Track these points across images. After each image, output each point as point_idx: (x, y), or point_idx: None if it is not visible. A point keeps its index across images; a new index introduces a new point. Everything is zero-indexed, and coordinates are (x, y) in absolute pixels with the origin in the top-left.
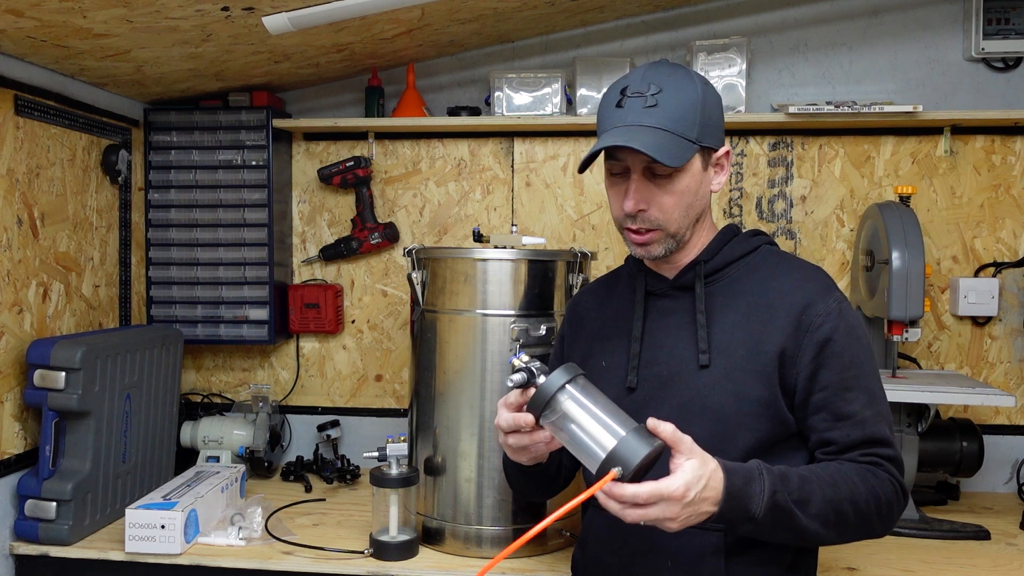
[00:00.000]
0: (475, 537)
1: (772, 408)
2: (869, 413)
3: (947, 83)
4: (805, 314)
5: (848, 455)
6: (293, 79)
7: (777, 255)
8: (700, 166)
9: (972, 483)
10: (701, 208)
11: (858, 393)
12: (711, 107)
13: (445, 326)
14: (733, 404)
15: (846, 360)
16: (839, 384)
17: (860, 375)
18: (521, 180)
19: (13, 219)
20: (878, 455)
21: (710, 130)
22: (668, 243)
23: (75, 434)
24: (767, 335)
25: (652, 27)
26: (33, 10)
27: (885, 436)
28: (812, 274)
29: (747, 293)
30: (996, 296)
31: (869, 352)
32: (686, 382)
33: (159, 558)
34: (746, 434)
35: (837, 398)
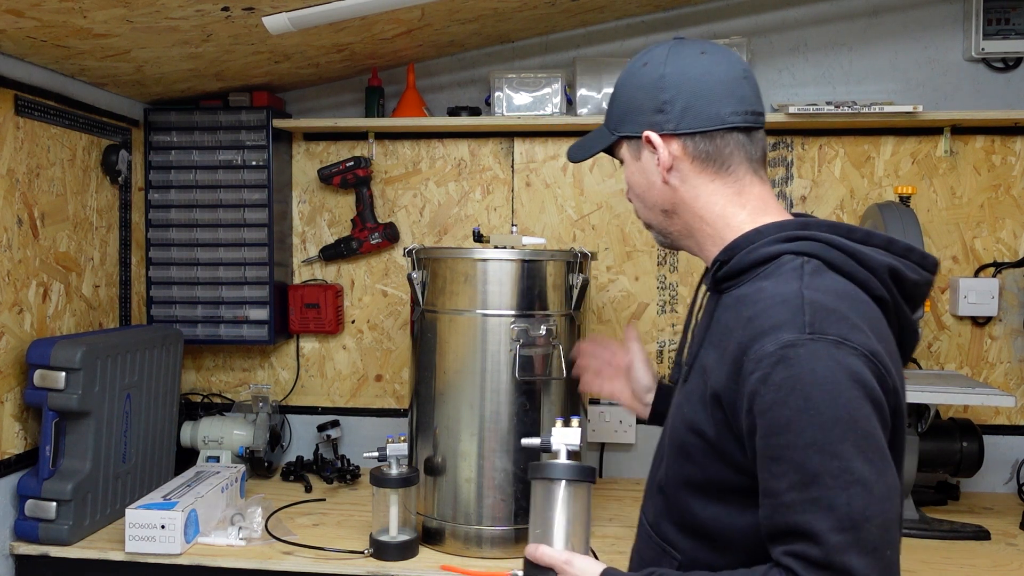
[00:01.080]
0: (475, 537)
1: (717, 448)
2: (794, 497)
3: (947, 83)
4: (745, 356)
5: (771, 546)
6: (293, 79)
7: (787, 271)
8: (630, 156)
9: (972, 483)
10: (657, 200)
11: (785, 468)
12: (631, 90)
13: (445, 326)
14: (683, 431)
15: (773, 424)
16: (764, 452)
17: (791, 445)
18: (521, 180)
19: (13, 219)
20: (796, 554)
21: (628, 116)
22: (655, 235)
23: (75, 434)
24: (715, 370)
25: (652, 27)
26: (33, 10)
27: (811, 529)
28: (776, 305)
29: (729, 312)
30: (996, 296)
31: (827, 418)
32: (678, 393)
33: (159, 558)
34: (692, 467)
35: (763, 469)
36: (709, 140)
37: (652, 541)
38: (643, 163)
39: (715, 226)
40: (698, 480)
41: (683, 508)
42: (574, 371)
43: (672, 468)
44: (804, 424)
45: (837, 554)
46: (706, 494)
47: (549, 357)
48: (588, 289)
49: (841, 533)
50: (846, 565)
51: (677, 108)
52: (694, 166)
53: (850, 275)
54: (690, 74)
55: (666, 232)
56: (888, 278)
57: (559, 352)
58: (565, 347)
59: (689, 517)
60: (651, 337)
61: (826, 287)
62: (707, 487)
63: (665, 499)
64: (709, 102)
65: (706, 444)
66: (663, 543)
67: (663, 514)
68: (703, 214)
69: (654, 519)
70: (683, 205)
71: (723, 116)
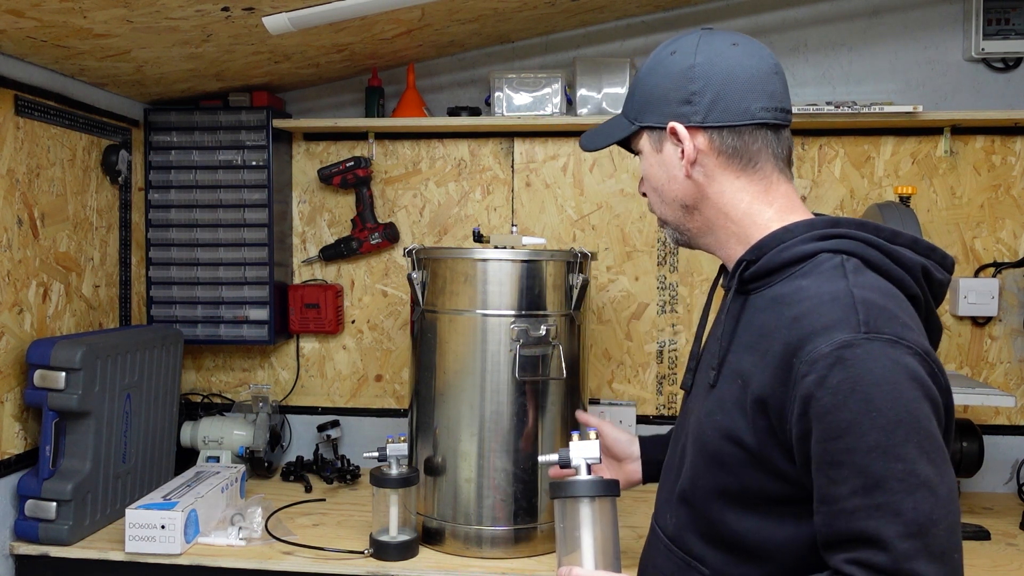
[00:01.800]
0: (475, 537)
1: (759, 457)
2: (858, 503)
3: (947, 83)
4: (796, 358)
5: (830, 555)
6: (293, 79)
7: (826, 270)
8: (650, 147)
9: (972, 483)
10: (677, 194)
11: (847, 473)
12: (655, 80)
13: (445, 326)
14: (716, 440)
15: (832, 427)
16: (822, 457)
17: (853, 449)
18: (521, 180)
19: (13, 219)
20: (860, 562)
21: (651, 106)
22: (670, 231)
23: (75, 434)
24: (758, 373)
25: (652, 27)
26: (33, 10)
27: (879, 535)
28: (826, 304)
29: (766, 313)
30: (996, 296)
31: (890, 420)
32: (700, 400)
33: (159, 558)
34: (726, 476)
35: (820, 475)
36: (737, 135)
37: (674, 555)
38: (665, 155)
39: (741, 224)
40: (734, 490)
41: (714, 519)
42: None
43: (702, 478)
44: (866, 427)
45: (906, 561)
46: (742, 505)
47: (549, 357)
48: (588, 289)
49: (909, 539)
50: (916, 572)
51: (706, 100)
52: (720, 161)
53: (887, 274)
54: (721, 65)
55: (683, 229)
56: (921, 277)
57: (559, 352)
58: (565, 347)
59: (721, 528)
60: (651, 337)
61: (872, 285)
62: (744, 497)
63: (691, 510)
64: (739, 96)
65: (745, 453)
66: (687, 556)
67: (687, 526)
68: (728, 211)
69: (675, 531)
70: (706, 201)
71: (753, 111)
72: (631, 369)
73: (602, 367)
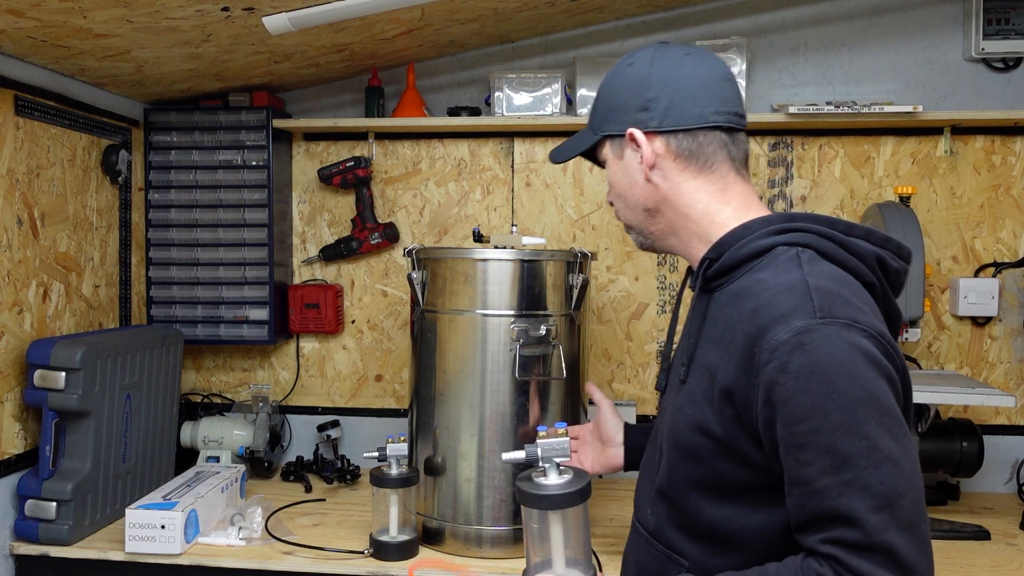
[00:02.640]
0: (475, 537)
1: (728, 447)
2: (828, 482)
3: (947, 83)
4: (756, 347)
5: (804, 536)
6: (293, 79)
7: (783, 262)
8: (613, 155)
9: (972, 483)
10: (639, 199)
11: (814, 454)
12: (614, 90)
13: (445, 326)
14: (688, 433)
15: (796, 411)
16: (789, 441)
17: (818, 431)
18: (521, 180)
19: (13, 219)
20: (835, 540)
21: (612, 115)
22: (635, 236)
23: (75, 434)
24: (722, 364)
25: (652, 27)
26: (33, 10)
27: (850, 511)
28: (782, 293)
29: (729, 307)
30: (996, 296)
31: (851, 399)
32: (673, 396)
33: (159, 558)
34: (700, 468)
35: (789, 458)
36: (692, 138)
37: (654, 549)
38: (626, 162)
39: (700, 223)
40: (708, 481)
41: (691, 511)
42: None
43: (678, 471)
44: (828, 408)
45: (878, 534)
46: (717, 495)
47: (549, 357)
48: (588, 289)
49: (879, 512)
50: (888, 543)
51: (661, 106)
52: (677, 164)
53: (842, 263)
54: (674, 74)
55: (647, 232)
56: (876, 265)
57: (559, 352)
58: (565, 347)
59: (698, 520)
60: (651, 337)
61: (826, 274)
62: (718, 487)
63: (669, 504)
64: (692, 101)
65: (715, 443)
66: (667, 550)
67: (666, 520)
68: (687, 211)
69: (656, 527)
70: (666, 203)
71: (706, 115)
72: (631, 369)
73: (602, 367)
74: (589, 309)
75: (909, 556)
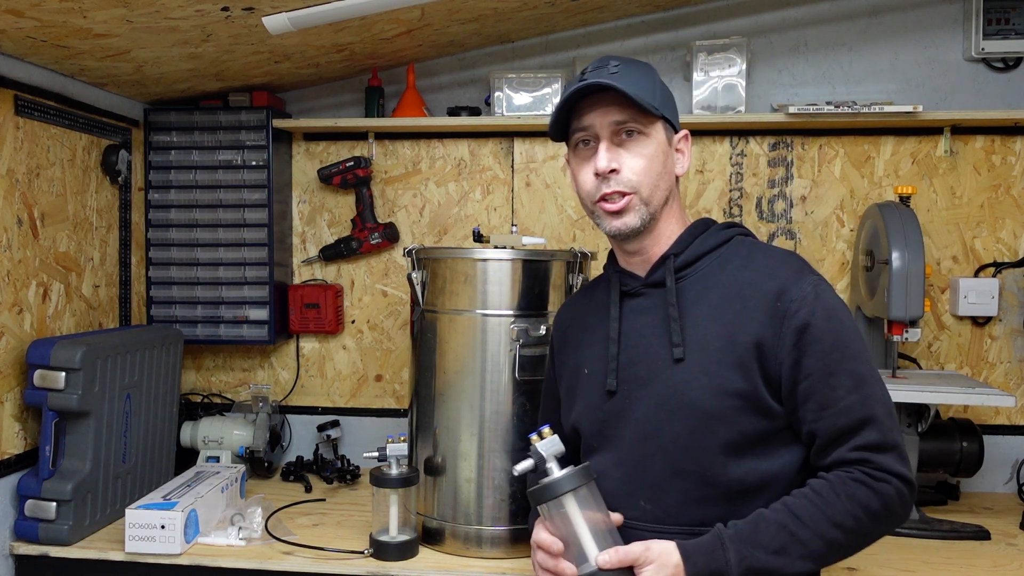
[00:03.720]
0: (475, 537)
1: (753, 400)
2: (856, 397)
3: (947, 83)
4: (780, 301)
5: (832, 451)
6: (293, 79)
7: (749, 245)
8: (664, 138)
9: (972, 483)
10: (669, 185)
11: (842, 378)
12: (667, 89)
13: (445, 326)
14: (711, 398)
15: (827, 344)
16: (822, 370)
17: (844, 358)
18: (521, 180)
19: (13, 219)
20: (862, 446)
21: (669, 108)
22: (642, 211)
23: (75, 434)
24: (741, 326)
25: (652, 27)
26: (33, 10)
27: (873, 416)
28: (784, 259)
29: (720, 285)
30: (996, 296)
31: (854, 333)
32: (663, 378)
33: (159, 558)
34: (726, 429)
35: (821, 384)
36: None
37: (672, 534)
38: (671, 150)
39: (681, 221)
40: (733, 439)
41: (717, 476)
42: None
43: (700, 441)
44: (846, 339)
45: (890, 432)
46: (738, 451)
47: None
48: None
49: (889, 418)
50: (896, 441)
51: (679, 124)
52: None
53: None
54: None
55: (657, 213)
56: None
57: None
58: None
59: (725, 481)
60: None
61: None
62: (740, 443)
63: (686, 482)
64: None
65: (741, 400)
66: (692, 527)
67: (685, 500)
68: (676, 207)
69: (671, 511)
70: (674, 199)
71: None
72: None
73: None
74: None
75: (904, 448)
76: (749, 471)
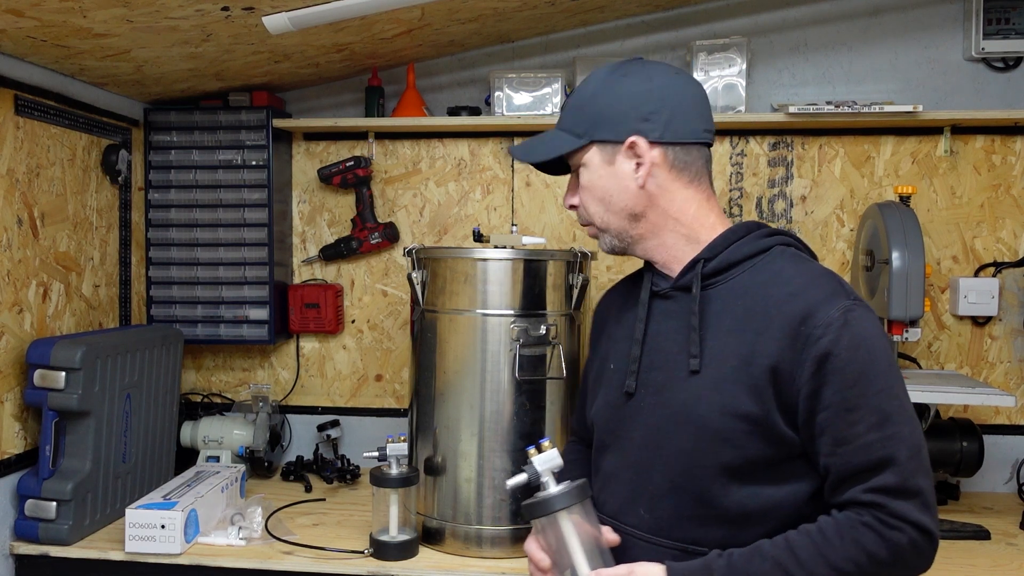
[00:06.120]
0: (475, 537)
1: (764, 426)
2: (876, 436)
3: (947, 83)
4: (804, 325)
5: (845, 490)
6: (293, 79)
7: (788, 257)
8: (600, 160)
9: (972, 483)
10: (626, 206)
11: (864, 414)
12: (611, 98)
13: (445, 326)
14: (718, 417)
15: (849, 377)
16: (840, 404)
17: (868, 392)
18: (521, 180)
19: (13, 219)
20: (876, 488)
21: (607, 122)
22: (607, 238)
23: (75, 434)
24: (761, 347)
25: (652, 27)
26: (33, 10)
27: (894, 457)
28: (817, 280)
29: (747, 298)
30: (996, 296)
31: (885, 366)
32: (676, 389)
33: (159, 558)
34: (730, 450)
35: (839, 419)
36: (686, 152)
37: (664, 547)
38: (617, 168)
39: (691, 227)
40: (738, 463)
41: (715, 498)
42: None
43: (704, 458)
44: (873, 374)
45: (912, 477)
46: (742, 476)
47: (549, 357)
48: (588, 289)
49: (912, 460)
50: (919, 486)
51: (663, 119)
52: (671, 174)
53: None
54: (673, 90)
55: (625, 235)
56: None
57: (559, 352)
58: (565, 347)
59: (724, 503)
60: None
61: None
62: (745, 468)
63: (681, 496)
64: (688, 117)
65: (750, 424)
66: (685, 544)
67: (680, 516)
68: (679, 216)
69: (664, 524)
70: (655, 209)
71: (698, 132)
72: None
73: None
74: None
75: (931, 496)
76: (751, 496)
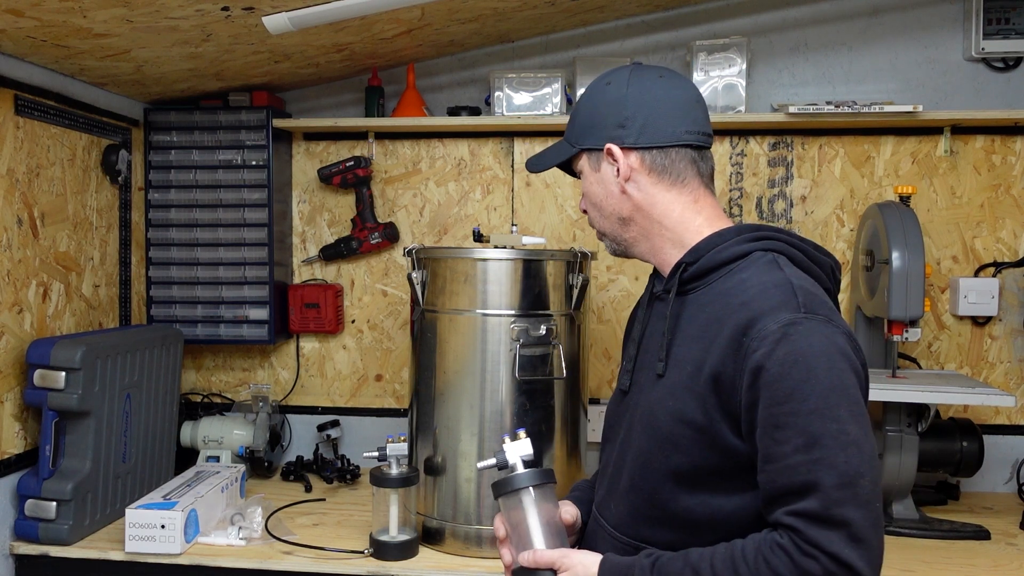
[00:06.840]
0: (475, 537)
1: (708, 434)
2: (801, 459)
3: (947, 83)
4: (746, 336)
5: (770, 511)
6: (293, 79)
7: (762, 265)
8: (589, 167)
9: (972, 483)
10: (615, 210)
11: (790, 433)
12: (594, 107)
13: (445, 326)
14: (669, 423)
15: (780, 393)
16: (769, 420)
17: (798, 412)
18: (521, 180)
19: (13, 219)
20: (797, 512)
21: (590, 130)
22: (607, 242)
23: (75, 434)
24: (710, 355)
25: (652, 27)
26: (33, 10)
27: (816, 483)
28: (769, 290)
29: (713, 305)
30: (996, 296)
31: (825, 386)
32: (647, 391)
33: (159, 558)
34: (679, 457)
35: (767, 437)
36: (664, 155)
37: (618, 541)
38: (602, 174)
39: (675, 230)
40: (685, 469)
41: (664, 500)
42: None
43: (655, 461)
44: (807, 392)
45: (836, 507)
46: (692, 483)
47: (549, 357)
48: (588, 289)
49: (841, 489)
50: (845, 517)
51: (637, 124)
52: (651, 177)
53: (808, 269)
54: (649, 95)
55: (620, 239)
56: (831, 274)
57: (559, 352)
58: (565, 347)
59: (672, 507)
60: None
61: (803, 276)
62: (694, 475)
63: (638, 496)
64: (665, 121)
65: (696, 432)
66: (635, 541)
67: (633, 513)
68: (662, 220)
69: (620, 520)
70: (640, 212)
71: (678, 134)
72: None
73: (602, 367)
74: (589, 309)
75: (863, 530)
76: (700, 504)
